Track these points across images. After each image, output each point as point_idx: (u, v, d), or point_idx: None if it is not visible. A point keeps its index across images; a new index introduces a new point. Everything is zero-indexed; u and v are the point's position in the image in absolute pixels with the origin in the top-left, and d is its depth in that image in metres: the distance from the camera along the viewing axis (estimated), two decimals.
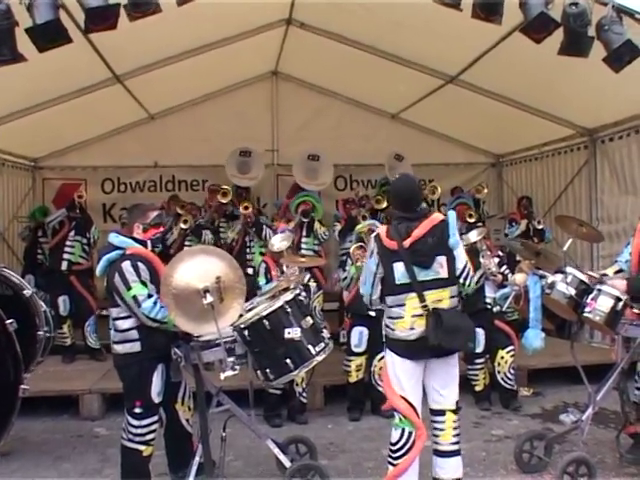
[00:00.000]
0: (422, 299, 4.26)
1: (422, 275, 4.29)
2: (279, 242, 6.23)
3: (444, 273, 4.33)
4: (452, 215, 4.46)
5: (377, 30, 7.79)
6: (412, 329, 4.29)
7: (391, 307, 4.37)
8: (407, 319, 4.30)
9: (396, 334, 4.35)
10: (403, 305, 4.31)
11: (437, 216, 4.44)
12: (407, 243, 4.29)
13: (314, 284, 6.69)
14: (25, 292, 5.02)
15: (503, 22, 5.32)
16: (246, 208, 8.69)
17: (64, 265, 8.40)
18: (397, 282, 4.31)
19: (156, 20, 5.04)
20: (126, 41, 6.49)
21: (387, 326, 4.43)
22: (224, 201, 9.29)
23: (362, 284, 4.55)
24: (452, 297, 4.38)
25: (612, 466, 5.17)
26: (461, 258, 4.40)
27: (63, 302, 8.38)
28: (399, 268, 4.30)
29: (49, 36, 4.75)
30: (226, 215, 9.54)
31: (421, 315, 4.27)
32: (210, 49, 8.23)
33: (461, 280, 4.40)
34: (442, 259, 4.32)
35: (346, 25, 8.00)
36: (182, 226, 8.73)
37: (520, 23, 5.46)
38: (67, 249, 8.42)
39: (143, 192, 10.98)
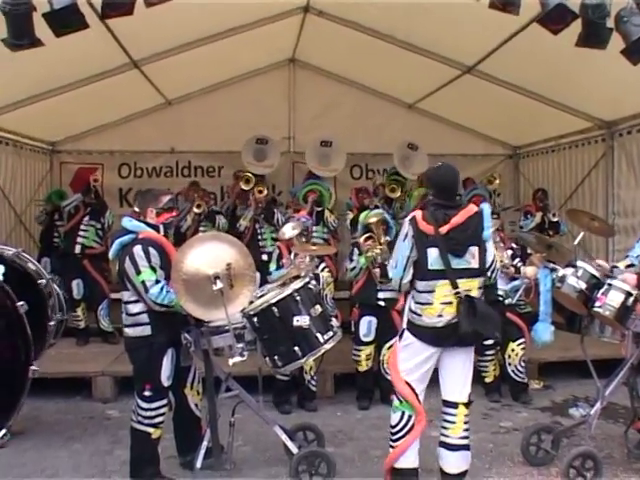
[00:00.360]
0: (455, 286, 4.27)
1: (455, 263, 4.30)
2: (290, 230, 6.24)
3: (475, 263, 4.36)
4: (487, 207, 4.49)
5: (394, 19, 7.75)
6: (440, 316, 4.30)
7: (420, 292, 4.37)
8: (436, 306, 4.31)
9: (423, 320, 4.35)
10: (433, 292, 4.32)
11: (472, 207, 4.47)
12: (444, 230, 4.30)
13: (327, 273, 6.67)
14: (40, 282, 5.06)
15: (521, 12, 5.27)
16: (260, 192, 8.66)
17: (77, 249, 8.49)
18: (430, 267, 4.32)
19: (173, 6, 5.08)
20: (143, 27, 6.51)
21: (413, 312, 4.42)
22: (246, 188, 9.26)
23: (391, 267, 4.54)
24: (479, 288, 4.41)
25: (620, 461, 5.16)
26: (491, 251, 4.45)
27: (77, 285, 8.47)
28: (433, 254, 4.31)
29: (66, 21, 4.78)
30: (247, 202, 9.50)
31: (450, 303, 4.28)
32: (227, 36, 8.22)
33: (489, 273, 4.44)
34: (474, 250, 4.35)
35: (364, 13, 7.97)
36: (195, 210, 8.76)
37: (538, 14, 5.41)
38: (81, 233, 8.51)
39: (159, 177, 11.05)
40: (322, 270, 6.54)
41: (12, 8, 4.66)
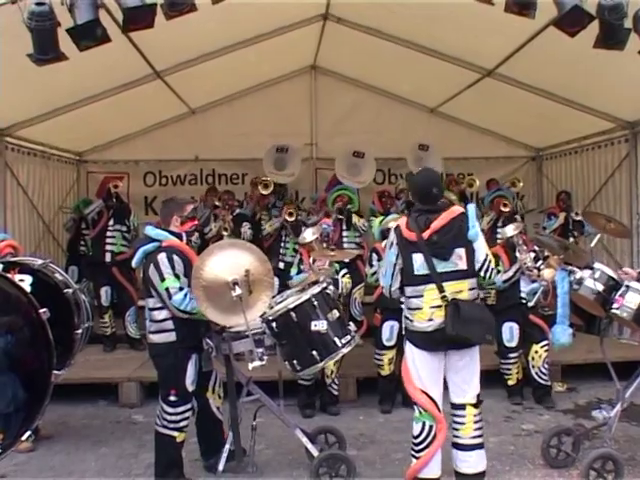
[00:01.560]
0: (441, 289, 4.31)
1: (441, 267, 4.34)
2: (310, 235, 6.30)
3: (463, 265, 4.38)
4: (471, 207, 4.52)
5: (413, 24, 7.80)
6: (430, 320, 4.35)
7: (410, 298, 4.43)
8: (426, 310, 4.36)
9: (415, 325, 4.41)
10: (421, 296, 4.37)
11: (456, 209, 4.50)
12: (426, 235, 4.35)
13: (347, 279, 6.69)
14: (66, 291, 5.20)
15: (539, 15, 5.28)
16: (290, 214, 8.69)
17: (107, 257, 8.61)
18: (416, 273, 4.38)
19: (194, 17, 5.15)
20: (166, 38, 6.62)
21: (406, 317, 4.49)
22: (265, 193, 9.37)
23: (382, 275, 4.61)
24: (471, 289, 4.43)
25: None
26: (481, 251, 4.44)
27: (105, 292, 8.62)
28: (418, 259, 4.37)
29: (89, 36, 4.90)
30: (267, 207, 9.60)
31: (439, 306, 4.32)
32: (249, 45, 8.32)
33: (481, 273, 4.44)
34: (461, 251, 4.38)
35: (382, 20, 8.03)
36: (224, 233, 8.73)
37: (555, 17, 5.42)
38: (109, 240, 8.62)
39: (184, 185, 11.18)
40: (343, 276, 6.59)
41: (37, 24, 4.79)
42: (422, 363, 4.41)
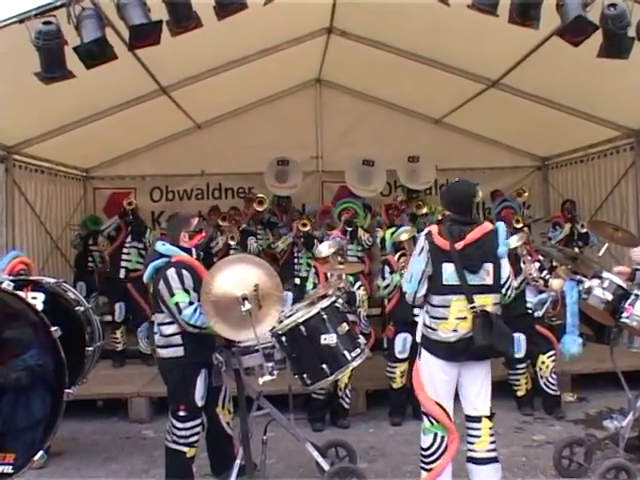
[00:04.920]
0: (471, 301, 4.31)
1: (469, 279, 4.34)
2: (327, 249, 6.30)
3: (489, 280, 4.39)
4: (502, 226, 4.53)
5: (417, 36, 7.83)
6: (455, 331, 4.34)
7: (436, 307, 4.41)
8: (451, 320, 4.34)
9: (438, 334, 4.39)
10: (449, 306, 4.35)
11: (488, 225, 4.51)
12: (460, 245, 4.35)
13: (362, 292, 6.69)
14: (78, 309, 5.22)
15: (542, 25, 5.30)
16: (304, 225, 8.76)
17: (122, 273, 8.64)
18: (444, 282, 4.36)
19: (200, 33, 5.20)
20: (171, 54, 6.67)
21: (428, 326, 4.45)
22: (260, 209, 9.46)
23: (406, 281, 4.57)
24: (495, 304, 4.43)
25: None
26: (506, 268, 4.47)
27: (119, 308, 8.64)
28: (448, 268, 4.35)
29: (95, 54, 4.94)
30: (262, 223, 9.71)
31: (465, 318, 4.31)
32: (253, 59, 8.37)
33: (503, 290, 4.46)
34: (489, 266, 4.39)
35: (386, 32, 8.06)
36: (231, 242, 8.85)
37: (558, 26, 5.43)
38: (124, 256, 8.67)
39: (190, 200, 11.21)
40: (358, 288, 6.57)
41: (45, 43, 4.85)
42: (439, 373, 4.40)
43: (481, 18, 5.42)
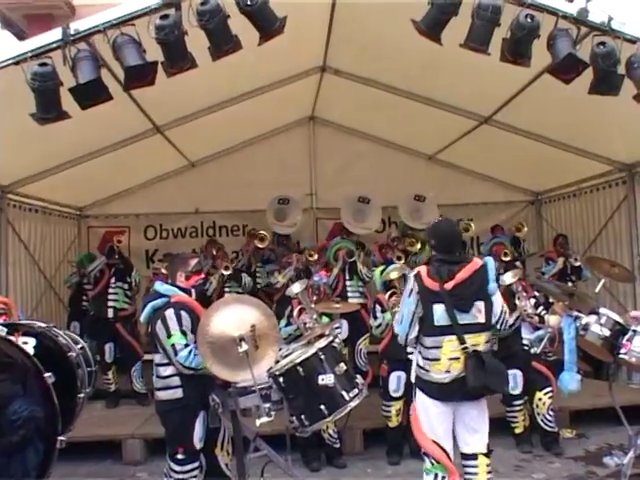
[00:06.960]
0: (462, 341, 4.28)
1: (460, 318, 4.32)
2: (297, 288, 6.23)
3: (481, 318, 4.37)
4: (491, 261, 4.51)
5: (409, 74, 7.92)
6: (448, 372, 4.32)
7: (428, 348, 4.39)
8: (444, 361, 4.32)
9: (431, 375, 4.37)
10: (440, 347, 4.33)
11: (477, 261, 4.49)
12: (449, 286, 4.33)
13: (342, 332, 6.62)
14: (70, 354, 5.15)
15: (534, 62, 5.38)
16: (310, 255, 8.78)
17: (110, 313, 8.59)
18: (436, 323, 4.34)
19: (194, 73, 5.24)
20: (165, 94, 6.70)
21: (421, 367, 4.44)
22: (261, 246, 9.46)
23: (397, 323, 4.56)
24: (487, 342, 4.41)
25: None
26: (498, 303, 4.45)
27: (109, 349, 8.57)
28: (438, 309, 4.34)
29: (90, 95, 4.98)
30: (263, 260, 9.70)
31: (457, 358, 4.29)
32: (247, 98, 8.44)
33: (497, 326, 4.45)
34: (480, 304, 4.37)
35: (379, 70, 8.15)
36: (223, 272, 8.85)
37: (549, 64, 5.50)
38: (111, 297, 8.63)
39: (185, 238, 11.18)
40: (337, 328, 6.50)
41: (40, 84, 4.89)
42: (435, 413, 4.37)
43: (473, 56, 5.50)
